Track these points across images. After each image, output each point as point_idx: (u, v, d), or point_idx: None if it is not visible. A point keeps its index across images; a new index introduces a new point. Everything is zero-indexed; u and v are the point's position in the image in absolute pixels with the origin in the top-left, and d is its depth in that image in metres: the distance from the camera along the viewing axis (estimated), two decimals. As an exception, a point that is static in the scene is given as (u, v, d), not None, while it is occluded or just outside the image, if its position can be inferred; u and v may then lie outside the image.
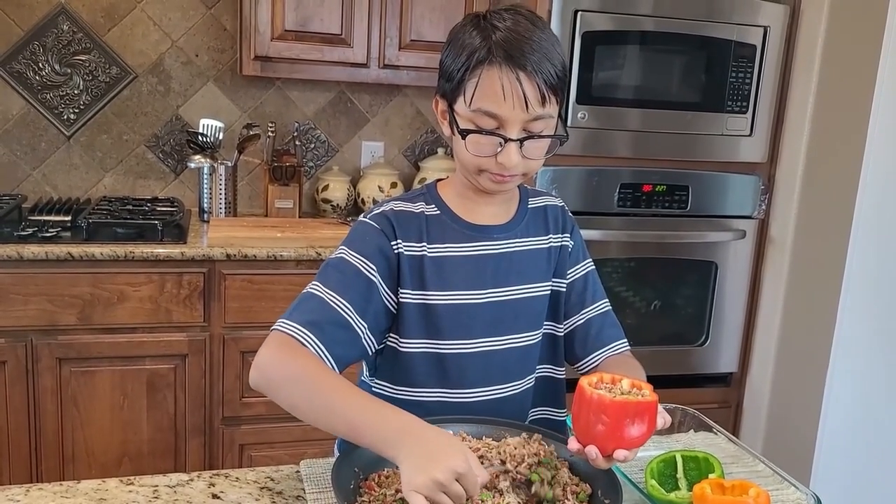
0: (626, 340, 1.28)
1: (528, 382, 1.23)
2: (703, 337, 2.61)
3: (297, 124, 2.77)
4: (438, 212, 1.19)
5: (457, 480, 0.86)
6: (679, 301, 2.60)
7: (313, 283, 1.13)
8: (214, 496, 1.03)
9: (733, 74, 2.43)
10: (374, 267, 1.13)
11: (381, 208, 1.19)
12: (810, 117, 2.42)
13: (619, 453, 0.93)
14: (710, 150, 2.47)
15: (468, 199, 1.19)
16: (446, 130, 1.15)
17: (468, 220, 1.19)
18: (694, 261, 2.55)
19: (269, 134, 2.68)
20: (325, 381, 1.02)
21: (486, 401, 1.19)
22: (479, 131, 1.08)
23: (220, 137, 2.66)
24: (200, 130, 2.64)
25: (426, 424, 0.95)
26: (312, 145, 2.85)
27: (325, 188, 2.76)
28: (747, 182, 2.53)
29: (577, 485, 1.00)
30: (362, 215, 1.21)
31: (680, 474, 1.09)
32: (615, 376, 1.00)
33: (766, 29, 2.42)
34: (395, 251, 1.15)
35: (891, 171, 2.21)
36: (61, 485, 1.03)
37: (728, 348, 2.64)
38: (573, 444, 0.97)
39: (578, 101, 2.31)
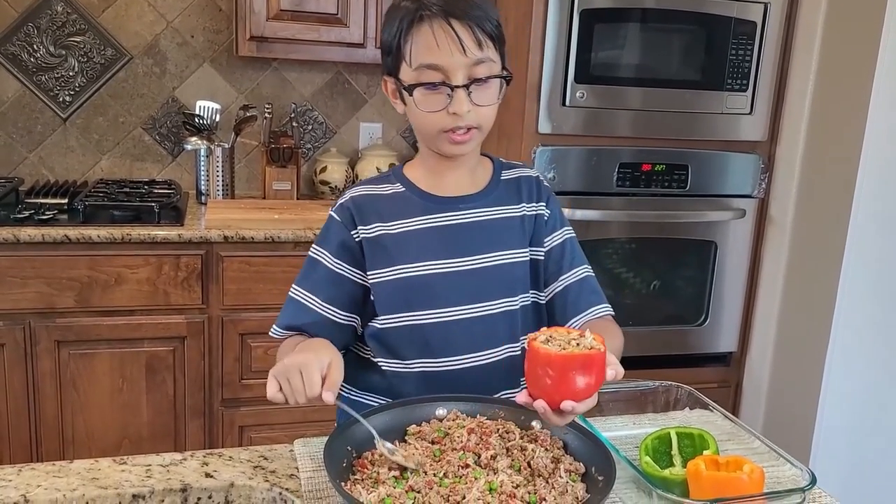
0: (606, 305, 1.27)
1: (514, 349, 1.23)
2: (703, 317, 2.60)
3: (294, 106, 2.76)
4: (403, 189, 1.22)
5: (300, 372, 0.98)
6: (678, 281, 2.59)
7: (295, 286, 1.21)
8: (207, 475, 1.03)
9: (733, 52, 2.40)
10: (341, 262, 1.19)
11: (343, 197, 1.23)
12: (811, 95, 2.39)
13: (566, 404, 0.92)
14: (709, 128, 2.45)
15: (434, 172, 1.22)
16: (400, 108, 1.18)
17: (435, 194, 1.21)
18: (693, 240, 2.54)
19: (266, 115, 2.66)
20: (280, 354, 1.17)
21: (473, 367, 1.20)
22: (425, 84, 1.11)
23: (217, 119, 2.65)
24: (197, 112, 2.63)
25: (316, 346, 1.10)
26: (310, 127, 2.83)
27: (323, 170, 2.75)
28: (747, 161, 2.52)
29: (570, 463, 1.00)
30: (332, 206, 1.25)
31: (675, 451, 1.08)
32: (570, 329, 1.00)
33: (766, 5, 2.39)
34: (357, 240, 1.19)
35: (891, 149, 2.19)
36: (54, 465, 1.04)
37: (728, 328, 2.63)
38: (521, 397, 0.97)
39: (577, 80, 2.29)
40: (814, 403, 2.36)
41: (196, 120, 2.61)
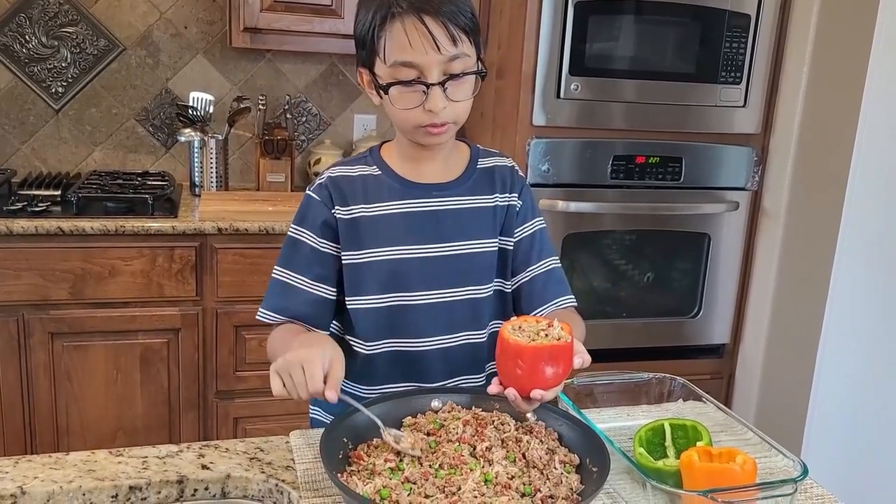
0: (571, 297, 1.30)
1: (479, 336, 1.26)
2: (696, 308, 2.61)
3: (288, 97, 2.75)
4: (379, 172, 1.23)
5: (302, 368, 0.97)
6: (672, 273, 2.60)
7: (278, 268, 1.22)
8: (204, 467, 1.03)
9: (727, 44, 2.40)
10: (324, 240, 1.21)
11: (321, 178, 1.23)
12: (804, 88, 2.40)
13: (535, 393, 0.97)
14: (703, 121, 2.45)
15: (410, 159, 1.23)
16: (376, 100, 1.18)
17: (410, 179, 1.22)
18: (687, 233, 2.55)
19: (260, 107, 2.66)
20: (280, 336, 1.17)
21: (440, 349, 1.23)
22: (400, 82, 1.10)
23: (211, 111, 2.64)
24: (190, 104, 2.62)
25: (318, 340, 1.08)
26: (304, 118, 2.83)
27: (317, 162, 2.75)
28: (741, 153, 2.52)
29: (565, 455, 1.01)
30: (308, 187, 1.25)
31: (668, 442, 1.09)
32: (538, 318, 1.03)
33: (760, -2, 2.40)
34: (336, 217, 1.20)
35: (885, 141, 2.20)
36: (50, 456, 1.04)
37: (721, 320, 2.64)
38: (493, 387, 1.00)
39: (571, 72, 2.29)
40: (806, 395, 2.38)
41: (189, 111, 2.60)
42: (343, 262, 1.20)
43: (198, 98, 2.63)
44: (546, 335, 0.99)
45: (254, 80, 2.74)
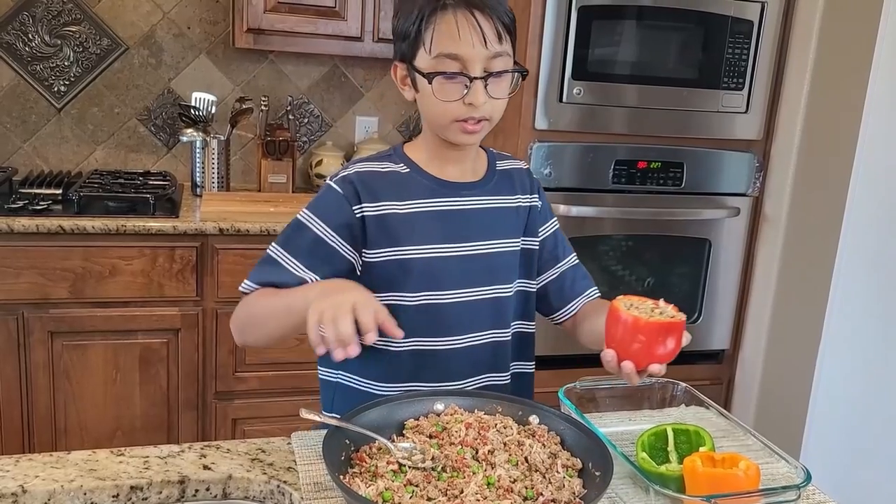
0: (596, 288, 1.36)
1: (504, 335, 1.27)
2: (696, 314, 2.61)
3: (290, 98, 2.75)
4: (408, 170, 1.22)
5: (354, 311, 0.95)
6: (672, 278, 2.60)
7: (275, 245, 1.19)
8: (205, 467, 1.03)
9: (730, 50, 2.41)
10: (334, 235, 1.18)
11: (346, 171, 1.21)
12: (806, 94, 2.40)
13: (654, 367, 1.03)
14: (705, 126, 2.46)
15: (437, 158, 1.23)
16: (409, 95, 1.19)
17: (438, 177, 1.23)
18: (688, 238, 2.55)
19: (263, 108, 2.66)
20: (265, 297, 1.15)
21: (466, 348, 1.23)
22: (445, 73, 1.11)
23: (213, 111, 2.64)
24: (193, 104, 2.62)
25: (343, 281, 1.07)
26: (306, 120, 2.83)
27: (319, 163, 2.75)
28: (742, 159, 2.52)
29: (568, 459, 1.01)
30: (329, 177, 1.23)
31: (671, 447, 1.09)
32: (642, 298, 1.09)
33: (763, 4, 2.40)
34: (358, 215, 1.18)
35: (886, 148, 2.21)
36: (51, 455, 1.03)
37: (721, 325, 2.64)
38: (608, 356, 1.05)
39: (574, 76, 2.29)
40: (805, 401, 2.38)
41: (192, 111, 2.60)
42: (368, 259, 1.18)
43: (200, 98, 2.62)
44: (661, 313, 1.04)
45: (256, 81, 2.74)
